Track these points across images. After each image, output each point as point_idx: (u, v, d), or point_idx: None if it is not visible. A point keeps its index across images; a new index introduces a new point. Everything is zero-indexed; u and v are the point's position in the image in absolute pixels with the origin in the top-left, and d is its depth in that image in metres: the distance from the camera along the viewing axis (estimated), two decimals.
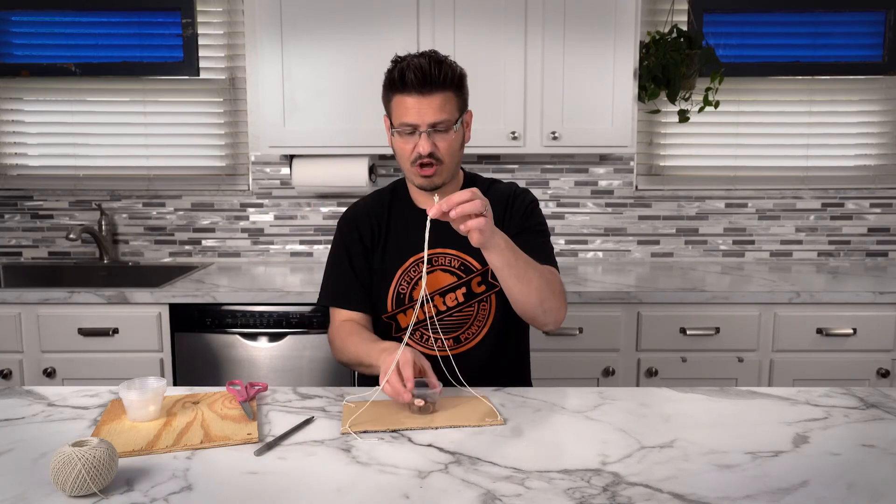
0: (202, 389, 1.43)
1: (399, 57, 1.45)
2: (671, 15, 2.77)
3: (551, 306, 1.43)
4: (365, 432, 1.20)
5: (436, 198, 1.23)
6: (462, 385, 1.35)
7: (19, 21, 2.86)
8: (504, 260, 1.32)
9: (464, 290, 1.52)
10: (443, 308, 1.53)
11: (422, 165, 1.44)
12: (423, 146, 1.42)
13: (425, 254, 1.26)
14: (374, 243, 1.58)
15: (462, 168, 1.60)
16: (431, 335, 1.51)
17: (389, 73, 1.44)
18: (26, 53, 2.87)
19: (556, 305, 1.44)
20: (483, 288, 1.53)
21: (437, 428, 1.22)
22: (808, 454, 1.12)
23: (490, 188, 1.59)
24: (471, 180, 1.61)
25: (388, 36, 2.42)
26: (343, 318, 1.57)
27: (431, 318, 1.51)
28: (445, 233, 1.33)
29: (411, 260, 1.54)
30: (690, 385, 1.45)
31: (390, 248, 1.56)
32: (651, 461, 1.09)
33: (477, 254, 1.49)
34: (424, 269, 1.37)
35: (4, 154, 2.94)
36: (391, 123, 1.47)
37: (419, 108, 1.40)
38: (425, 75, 1.39)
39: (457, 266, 1.53)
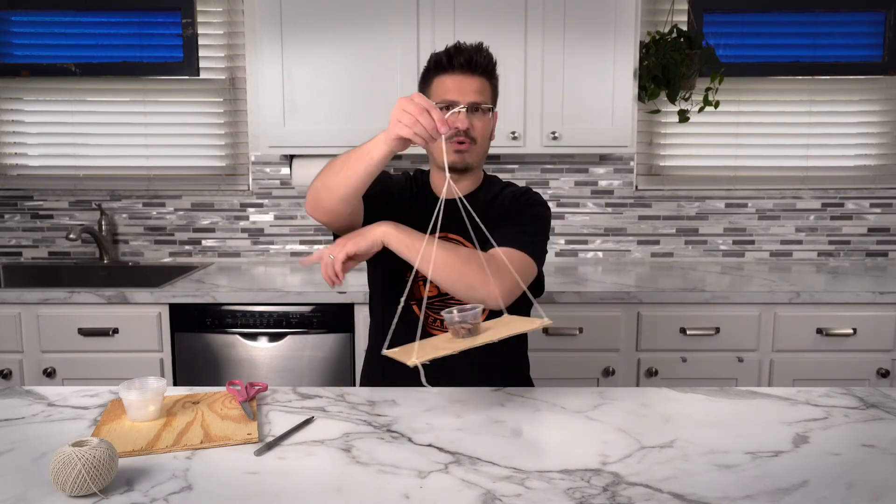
0: (202, 389, 1.43)
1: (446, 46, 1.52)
2: (671, 15, 2.77)
3: (472, 283, 1.34)
4: (433, 360, 1.17)
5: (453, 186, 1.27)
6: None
7: (19, 21, 2.86)
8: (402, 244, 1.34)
9: None
10: (444, 290, 1.53)
11: (456, 142, 1.48)
12: (463, 121, 1.47)
13: (434, 226, 1.26)
14: (398, 201, 1.58)
15: (483, 169, 1.65)
16: (432, 314, 1.54)
17: (436, 56, 1.51)
18: (26, 53, 2.87)
19: (481, 281, 1.34)
20: None
21: (496, 341, 1.21)
22: (808, 454, 1.12)
23: (505, 188, 1.64)
24: (489, 181, 1.65)
25: (388, 36, 2.43)
26: None
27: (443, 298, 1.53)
28: (458, 222, 1.34)
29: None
30: (690, 385, 1.45)
31: (410, 220, 1.56)
32: (651, 461, 1.09)
33: (487, 246, 1.51)
34: (432, 228, 1.29)
35: (4, 154, 2.94)
36: None
37: (461, 87, 1.48)
38: (471, 58, 1.47)
39: None
